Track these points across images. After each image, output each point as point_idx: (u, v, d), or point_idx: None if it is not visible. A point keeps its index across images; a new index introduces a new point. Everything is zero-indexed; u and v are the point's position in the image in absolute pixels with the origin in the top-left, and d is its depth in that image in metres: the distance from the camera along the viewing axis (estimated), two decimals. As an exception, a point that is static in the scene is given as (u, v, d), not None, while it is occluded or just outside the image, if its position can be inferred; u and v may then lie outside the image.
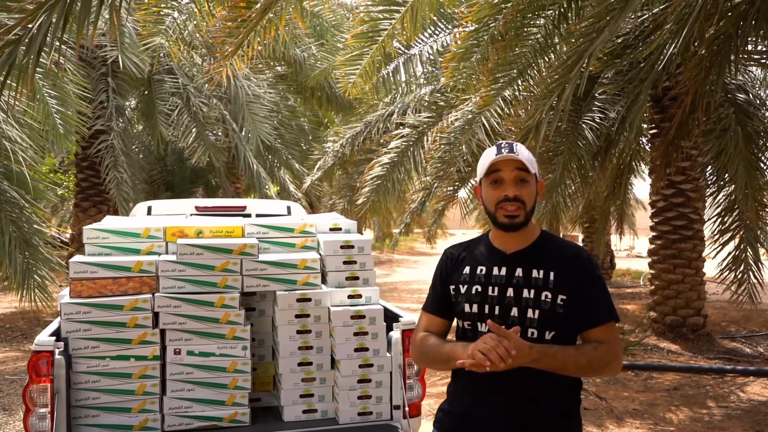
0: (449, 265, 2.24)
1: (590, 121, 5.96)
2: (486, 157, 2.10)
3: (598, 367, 2.02)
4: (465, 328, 2.15)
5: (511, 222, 2.05)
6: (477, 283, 2.12)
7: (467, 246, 2.28)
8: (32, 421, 3.04)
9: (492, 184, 2.07)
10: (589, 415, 5.71)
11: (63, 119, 5.50)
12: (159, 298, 3.31)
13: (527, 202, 2.05)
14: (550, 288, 2.02)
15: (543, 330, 2.01)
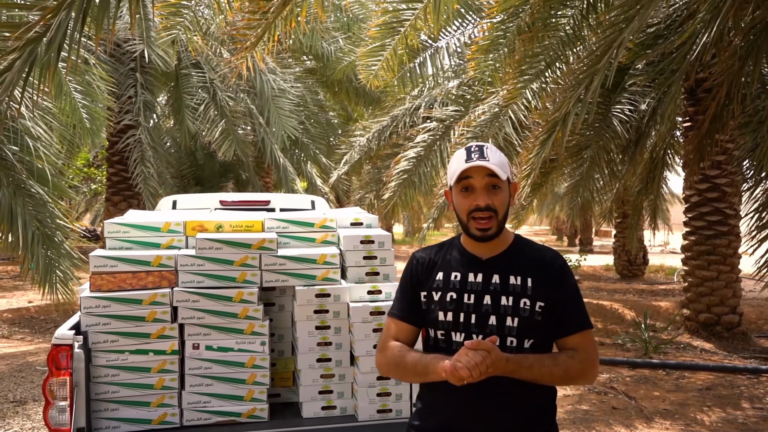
0: (420, 270, 2.16)
1: (620, 114, 5.81)
2: (455, 163, 2.03)
3: (574, 376, 1.99)
4: (438, 338, 2.07)
5: (483, 234, 1.99)
6: (452, 290, 2.05)
7: (438, 250, 2.19)
8: (52, 413, 3.04)
9: (462, 191, 2.01)
10: (618, 415, 5.59)
11: (89, 114, 5.55)
12: (178, 293, 3.30)
13: (499, 210, 1.99)
14: (529, 295, 1.98)
15: (522, 338, 1.97)
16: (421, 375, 2.03)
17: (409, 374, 2.08)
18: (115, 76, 9.15)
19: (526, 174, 5.94)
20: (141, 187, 9.14)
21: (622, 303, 11.71)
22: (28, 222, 4.60)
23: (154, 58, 8.29)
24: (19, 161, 4.56)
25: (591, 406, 5.84)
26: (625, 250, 15.99)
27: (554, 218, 34.76)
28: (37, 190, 4.67)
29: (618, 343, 8.72)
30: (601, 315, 10.86)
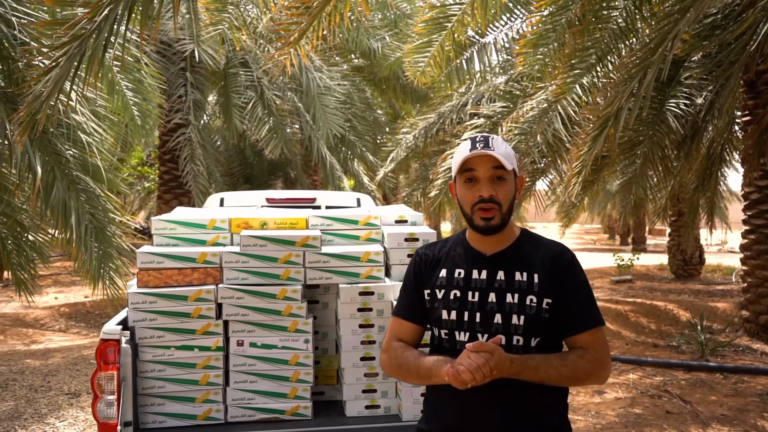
0: (423, 267, 2.11)
1: (675, 108, 5.60)
2: (460, 153, 1.98)
3: (582, 377, 1.92)
4: (441, 338, 2.02)
5: (487, 225, 1.92)
6: (455, 288, 1.99)
7: (441, 246, 2.14)
8: (100, 407, 3.09)
9: (466, 182, 1.96)
10: (672, 420, 5.41)
11: (140, 111, 5.66)
12: (222, 290, 3.31)
13: (503, 202, 1.93)
14: (535, 291, 1.91)
15: (528, 337, 1.90)
16: (424, 378, 1.97)
17: (413, 376, 2.02)
18: (166, 76, 9.32)
19: (577, 171, 5.79)
20: (191, 184, 9.29)
21: (677, 304, 11.37)
22: (81, 217, 4.71)
23: (204, 57, 8.41)
24: (73, 157, 4.68)
25: (644, 410, 5.67)
26: (680, 249, 15.53)
27: (606, 216, 34.00)
28: (91, 185, 4.77)
29: (672, 344, 8.46)
30: (654, 316, 10.56)
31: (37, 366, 7.30)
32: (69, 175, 4.70)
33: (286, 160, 13.07)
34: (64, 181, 4.65)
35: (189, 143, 9.22)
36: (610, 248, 28.96)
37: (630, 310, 10.85)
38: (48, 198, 4.56)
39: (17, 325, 9.99)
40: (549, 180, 9.49)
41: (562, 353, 1.95)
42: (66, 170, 4.69)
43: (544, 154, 6.72)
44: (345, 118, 10.76)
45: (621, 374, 6.91)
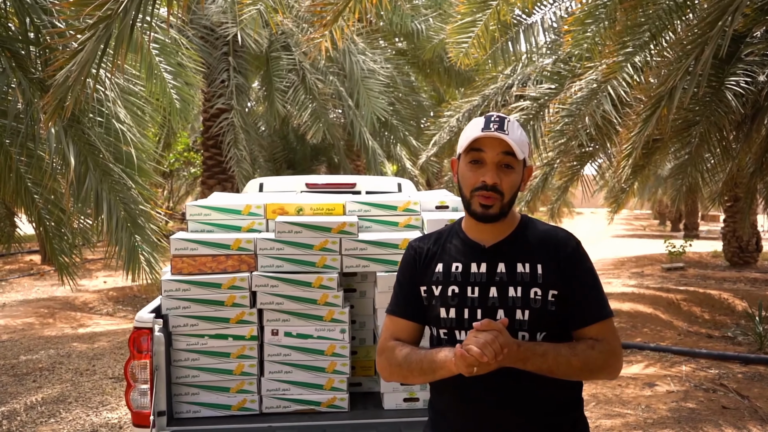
0: (418, 262, 1.94)
1: (734, 86, 5.28)
2: (470, 130, 1.81)
3: (594, 369, 1.78)
4: (441, 337, 1.87)
5: (484, 213, 1.78)
6: (453, 283, 1.84)
7: (436, 238, 1.97)
8: (133, 396, 3.05)
9: (471, 163, 1.80)
10: (729, 416, 5.15)
11: (180, 95, 5.62)
12: (256, 277, 3.23)
13: (506, 192, 1.78)
14: (539, 283, 1.78)
15: (534, 332, 1.78)
16: (428, 373, 1.81)
17: (415, 374, 1.84)
18: (209, 61, 9.31)
19: (627, 154, 5.53)
20: (234, 169, 9.29)
21: (732, 293, 10.93)
22: (113, 208, 4.69)
23: (247, 40, 8.35)
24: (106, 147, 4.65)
25: (698, 405, 5.41)
26: (736, 235, 14.94)
27: (656, 202, 33.08)
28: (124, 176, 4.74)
29: (728, 336, 8.12)
30: (708, 305, 10.18)
31: (83, 350, 7.41)
32: (102, 165, 4.67)
33: (329, 145, 13.00)
34: (98, 172, 4.63)
35: (232, 128, 9.20)
36: (660, 234, 28.20)
37: (682, 299, 10.48)
38: (81, 188, 4.56)
39: (66, 308, 10.21)
40: (598, 164, 9.18)
41: (572, 343, 1.81)
42: (99, 160, 4.66)
43: (592, 137, 6.45)
44: (388, 102, 10.60)
45: (673, 366, 6.64)
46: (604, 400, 5.61)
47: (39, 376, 6.42)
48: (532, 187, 9.22)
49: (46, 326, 8.78)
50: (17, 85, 4.33)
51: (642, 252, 18.87)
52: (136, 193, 4.91)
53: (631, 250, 19.53)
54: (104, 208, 4.59)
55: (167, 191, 21.94)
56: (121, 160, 4.75)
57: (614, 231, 30.66)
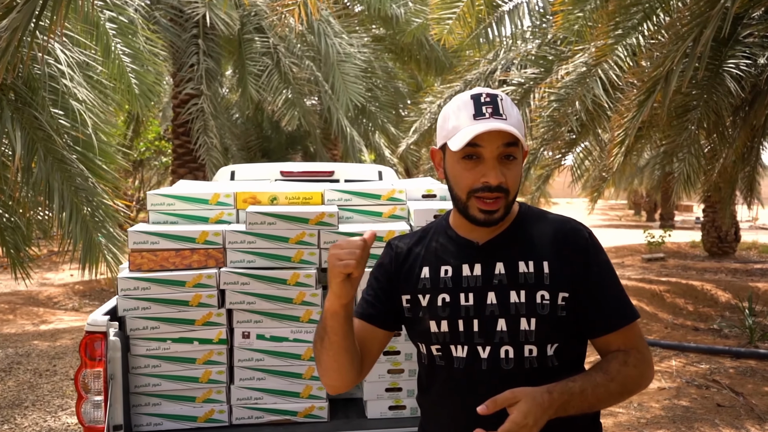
0: (396, 265, 1.62)
1: (733, 69, 5.04)
2: (457, 117, 1.45)
3: (632, 388, 1.49)
4: (433, 355, 1.56)
5: (488, 218, 1.46)
6: (443, 290, 1.52)
7: (420, 237, 1.65)
8: (86, 409, 2.70)
9: (464, 159, 1.45)
10: (724, 414, 4.93)
11: (138, 78, 5.21)
12: (225, 274, 2.88)
13: (512, 188, 1.46)
14: (546, 285, 1.46)
15: (543, 344, 1.47)
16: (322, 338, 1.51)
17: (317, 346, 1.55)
18: (178, 43, 8.87)
19: (619, 141, 5.27)
20: (204, 157, 8.89)
21: (714, 283, 10.81)
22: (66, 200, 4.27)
23: (216, 21, 7.93)
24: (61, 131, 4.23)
25: (692, 402, 5.19)
26: (715, 225, 14.88)
27: (632, 192, 33.18)
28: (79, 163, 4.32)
29: (714, 328, 7.96)
30: (692, 296, 10.03)
31: (44, 348, 6.99)
32: (55, 152, 4.22)
33: (305, 134, 12.63)
34: (49, 159, 4.18)
35: (201, 114, 8.78)
36: (637, 224, 28.31)
37: (665, 291, 10.32)
38: (29, 177, 4.13)
39: (29, 303, 9.73)
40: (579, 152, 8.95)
41: (601, 364, 1.49)
42: (51, 146, 4.21)
43: (582, 122, 6.17)
44: (366, 88, 10.25)
45: (663, 360, 6.43)
46: (594, 398, 5.36)
47: (-5, 377, 6.01)
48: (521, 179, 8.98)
49: (5, 323, 8.32)
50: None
51: (621, 242, 18.79)
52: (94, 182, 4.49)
53: (609, 241, 19.46)
54: (56, 199, 4.16)
55: (138, 181, 21.36)
56: (80, 143, 4.33)
57: (591, 221, 30.66)
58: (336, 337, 1.49)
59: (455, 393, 1.52)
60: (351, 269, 1.42)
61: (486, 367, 1.48)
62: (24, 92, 4.05)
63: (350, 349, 1.53)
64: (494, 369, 1.47)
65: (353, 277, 1.45)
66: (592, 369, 1.49)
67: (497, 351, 1.47)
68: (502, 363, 1.47)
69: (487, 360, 1.48)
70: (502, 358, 1.47)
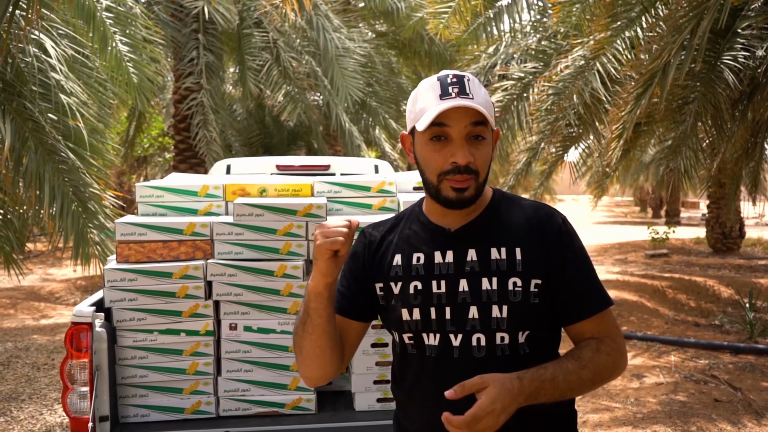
0: (370, 253, 1.62)
1: (731, 62, 5.00)
2: (425, 99, 1.45)
3: (605, 376, 1.48)
4: (405, 343, 1.55)
5: (459, 197, 1.45)
6: (415, 278, 1.51)
7: (393, 225, 1.65)
8: (71, 399, 2.70)
9: (432, 141, 1.45)
10: (722, 409, 4.90)
11: (137, 69, 5.19)
12: (212, 266, 2.88)
13: (482, 169, 1.46)
14: (519, 272, 1.46)
15: (515, 331, 1.46)
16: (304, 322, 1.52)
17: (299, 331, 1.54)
18: (178, 38, 8.86)
19: (617, 134, 5.24)
20: (204, 151, 8.88)
21: (717, 279, 10.75)
22: (57, 191, 4.25)
23: (215, 15, 7.92)
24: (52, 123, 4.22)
25: (689, 398, 5.16)
26: (720, 221, 14.79)
27: (638, 189, 33.03)
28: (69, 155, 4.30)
29: (715, 324, 7.90)
30: (694, 292, 9.97)
31: (43, 342, 7.01)
32: (46, 143, 4.21)
33: (307, 129, 12.61)
34: (40, 151, 4.17)
35: (201, 108, 8.77)
36: (642, 221, 28.18)
37: (667, 286, 10.27)
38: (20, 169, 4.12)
39: (30, 298, 9.76)
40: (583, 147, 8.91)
41: (574, 352, 1.49)
42: (42, 138, 4.20)
43: (580, 116, 6.14)
44: (366, 83, 10.22)
45: (661, 356, 6.40)
46: (590, 394, 5.34)
47: (-7, 371, 6.03)
48: (515, 171, 8.93)
49: (6, 317, 8.34)
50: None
51: (625, 238, 18.72)
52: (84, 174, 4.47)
53: (613, 237, 19.40)
54: (46, 191, 4.15)
55: (142, 178, 21.41)
56: (70, 138, 4.31)
57: (596, 218, 30.57)
58: (319, 319, 1.49)
59: (427, 381, 1.51)
60: (338, 246, 1.42)
61: (458, 355, 1.47)
62: (13, 82, 4.04)
63: (332, 334, 1.53)
64: (466, 357, 1.46)
65: (340, 254, 1.45)
66: (565, 356, 1.48)
67: (469, 339, 1.46)
68: (474, 351, 1.46)
69: (459, 348, 1.47)
70: (474, 346, 1.46)
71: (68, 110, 4.06)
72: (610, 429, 4.62)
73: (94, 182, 4.52)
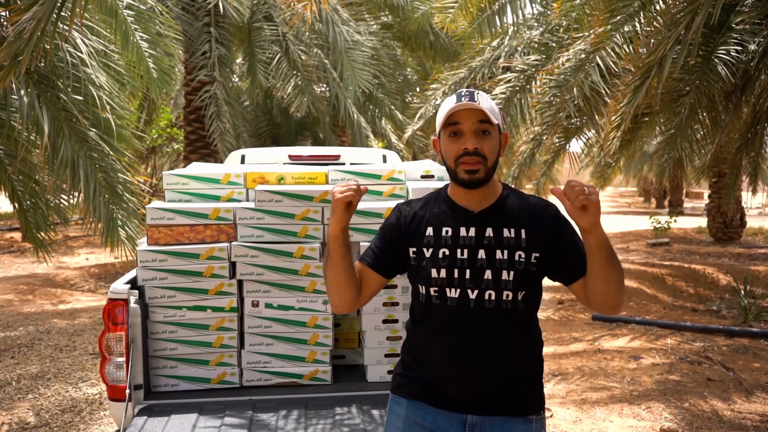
0: (405, 224, 2.05)
1: (725, 55, 5.20)
2: (445, 107, 1.94)
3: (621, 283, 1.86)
4: (430, 294, 1.97)
5: (471, 178, 1.90)
6: (444, 246, 1.96)
7: (424, 204, 2.09)
8: (109, 369, 2.96)
9: (451, 136, 1.93)
10: (714, 388, 5.14)
11: (156, 63, 5.43)
12: (236, 247, 3.13)
13: (489, 156, 1.90)
14: (523, 247, 1.92)
15: (517, 290, 1.92)
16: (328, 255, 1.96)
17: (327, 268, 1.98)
18: (190, 32, 9.08)
19: (616, 125, 5.45)
20: (217, 142, 9.11)
21: (717, 267, 10.97)
22: (90, 176, 4.53)
23: (228, 9, 8.14)
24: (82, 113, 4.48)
25: (683, 377, 5.40)
26: (721, 211, 15.00)
27: (641, 179, 33.18)
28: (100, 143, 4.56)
29: (713, 309, 8.14)
30: (693, 279, 10.20)
31: (63, 326, 7.28)
32: (78, 131, 4.49)
33: (314, 120, 12.83)
34: (73, 139, 4.44)
35: (214, 100, 9.00)
36: (645, 211, 28.31)
37: (667, 274, 10.50)
38: (56, 156, 4.39)
39: (47, 285, 10.04)
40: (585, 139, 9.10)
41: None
42: (75, 127, 4.48)
43: (580, 109, 6.35)
44: (373, 75, 10.44)
45: (658, 339, 6.64)
46: (589, 373, 5.59)
47: (17, 352, 6.30)
48: (519, 162, 9.14)
49: (25, 303, 8.63)
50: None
51: (627, 228, 18.93)
52: (114, 160, 4.74)
53: (616, 227, 19.59)
54: (81, 176, 4.42)
55: (150, 168, 21.63)
56: (99, 127, 4.58)
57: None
58: (337, 256, 1.94)
59: (448, 325, 1.93)
60: (351, 197, 1.92)
61: (473, 306, 1.91)
62: (48, 75, 4.29)
63: (348, 269, 1.96)
64: (479, 308, 1.91)
65: (352, 205, 1.94)
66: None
67: (482, 294, 1.91)
68: (486, 303, 1.91)
69: (475, 300, 1.91)
70: (486, 300, 1.91)
71: (98, 101, 4.31)
72: (608, 406, 4.86)
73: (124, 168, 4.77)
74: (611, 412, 4.75)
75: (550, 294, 9.16)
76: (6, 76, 2.71)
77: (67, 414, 4.78)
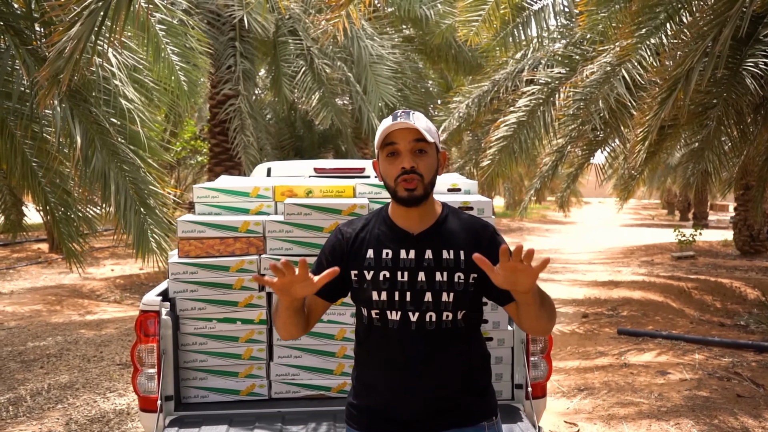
0: (346, 246, 2.04)
1: (753, 68, 5.16)
2: (381, 128, 1.96)
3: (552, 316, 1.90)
4: (372, 317, 1.99)
5: (410, 195, 1.90)
6: (384, 268, 1.96)
7: (364, 225, 2.08)
8: (140, 380, 3.00)
9: (388, 156, 1.93)
10: (744, 404, 5.06)
11: (187, 76, 5.54)
12: (265, 260, 3.16)
13: (425, 174, 1.91)
14: (462, 268, 1.94)
15: (456, 311, 1.95)
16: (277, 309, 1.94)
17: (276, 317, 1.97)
18: (215, 46, 9.22)
19: (642, 137, 5.42)
20: (241, 155, 9.21)
21: (744, 281, 10.81)
22: (121, 188, 4.62)
23: (253, 24, 8.26)
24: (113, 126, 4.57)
25: (712, 393, 5.33)
26: (747, 224, 14.78)
27: (665, 191, 32.83)
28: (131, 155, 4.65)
29: (740, 324, 8.01)
30: (719, 293, 10.06)
31: (90, 336, 7.38)
32: (109, 144, 4.59)
33: (337, 133, 12.91)
34: (105, 151, 4.54)
35: (239, 114, 9.12)
36: (669, 224, 28.01)
37: (693, 288, 10.37)
38: (87, 168, 4.48)
39: (74, 295, 10.18)
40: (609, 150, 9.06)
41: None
42: (107, 139, 4.58)
43: (606, 121, 6.33)
44: (396, 88, 10.50)
45: (686, 354, 6.56)
46: (616, 388, 5.54)
47: (46, 362, 6.39)
48: (542, 174, 9.11)
49: (53, 313, 8.75)
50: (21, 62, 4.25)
51: (651, 241, 18.73)
52: (144, 173, 4.83)
53: (640, 239, 19.40)
54: (112, 188, 4.51)
55: (174, 180, 21.87)
56: (130, 139, 4.67)
57: (622, 220, 30.51)
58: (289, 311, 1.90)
59: (388, 346, 1.96)
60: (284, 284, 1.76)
61: (414, 328, 1.93)
62: (80, 89, 4.39)
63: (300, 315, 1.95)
64: (421, 329, 1.93)
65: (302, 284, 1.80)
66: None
67: (423, 316, 1.93)
68: (427, 325, 1.93)
69: (416, 323, 1.93)
70: (427, 321, 1.93)
71: (127, 114, 4.41)
72: (635, 421, 4.81)
73: (154, 180, 4.86)
74: (639, 427, 4.69)
75: (575, 308, 9.10)
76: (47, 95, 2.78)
77: (96, 424, 4.83)
